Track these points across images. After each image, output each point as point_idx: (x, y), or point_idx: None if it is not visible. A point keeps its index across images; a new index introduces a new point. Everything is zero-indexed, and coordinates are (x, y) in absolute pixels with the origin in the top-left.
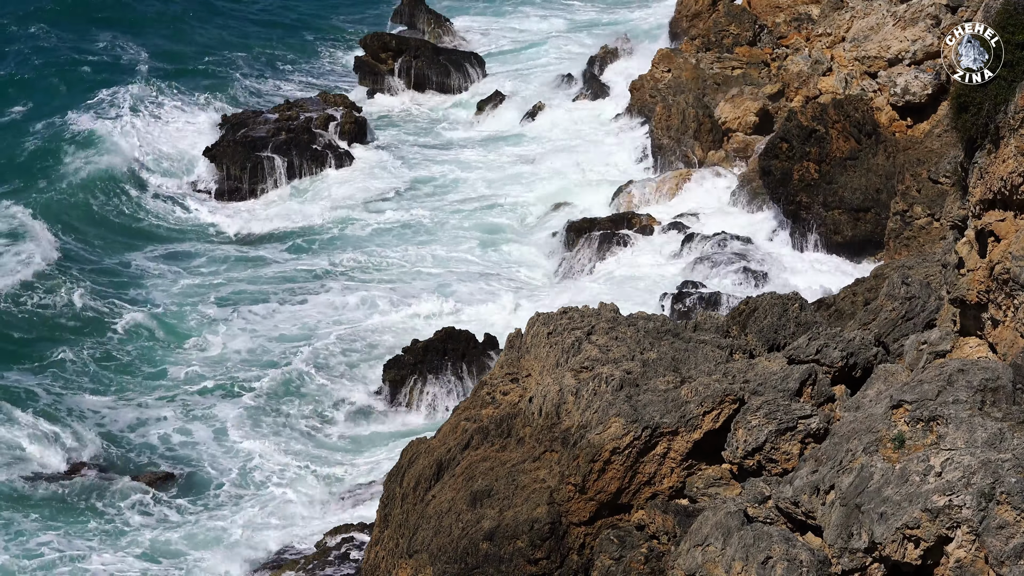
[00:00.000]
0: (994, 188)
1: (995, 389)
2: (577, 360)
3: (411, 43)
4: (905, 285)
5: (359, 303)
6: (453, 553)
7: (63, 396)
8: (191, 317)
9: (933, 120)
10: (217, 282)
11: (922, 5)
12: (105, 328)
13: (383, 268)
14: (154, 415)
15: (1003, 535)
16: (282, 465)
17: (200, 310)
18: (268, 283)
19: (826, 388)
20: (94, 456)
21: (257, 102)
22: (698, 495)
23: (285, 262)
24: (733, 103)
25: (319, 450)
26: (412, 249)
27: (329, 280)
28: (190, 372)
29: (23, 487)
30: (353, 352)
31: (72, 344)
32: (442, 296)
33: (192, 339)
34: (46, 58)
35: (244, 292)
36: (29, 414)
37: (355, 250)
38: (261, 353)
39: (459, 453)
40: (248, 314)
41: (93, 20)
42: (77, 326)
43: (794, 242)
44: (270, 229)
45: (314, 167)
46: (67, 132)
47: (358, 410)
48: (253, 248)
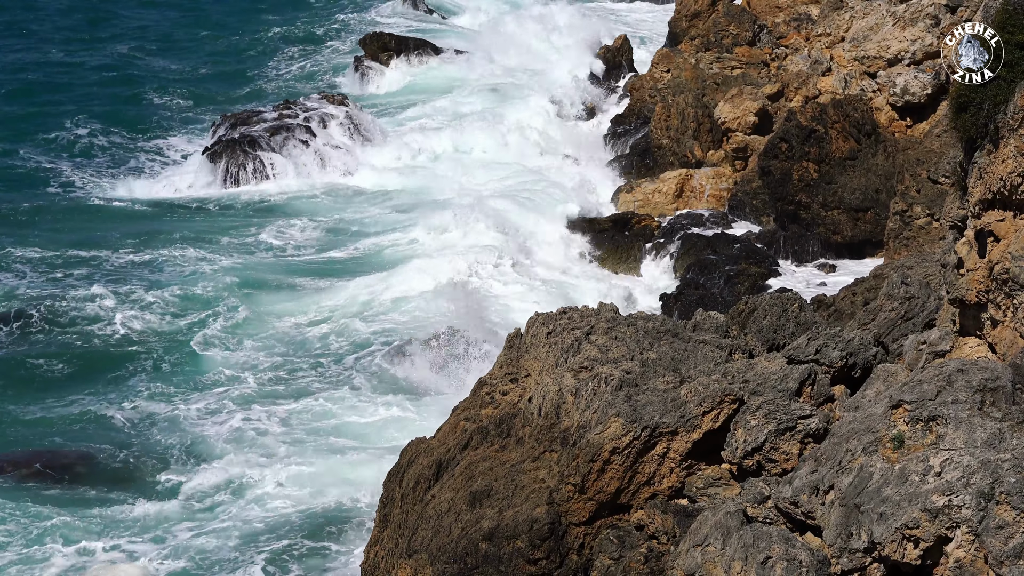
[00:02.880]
0: (993, 188)
1: (994, 389)
2: (576, 360)
3: (410, 43)
4: (904, 285)
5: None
6: (452, 553)
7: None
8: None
9: (932, 120)
10: (216, 282)
11: (921, 5)
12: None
13: (381, 264)
14: (169, 411)
15: (1002, 535)
16: (282, 464)
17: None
18: (269, 281)
19: (825, 388)
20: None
21: (257, 101)
22: (697, 495)
23: (286, 261)
24: (732, 103)
25: (320, 449)
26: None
27: (333, 277)
28: (215, 371)
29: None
30: (360, 344)
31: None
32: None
33: (201, 334)
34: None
35: (243, 294)
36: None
37: (355, 247)
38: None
39: (458, 453)
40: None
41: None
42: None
43: (794, 243)
44: (270, 228)
45: (314, 165)
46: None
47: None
48: (253, 248)
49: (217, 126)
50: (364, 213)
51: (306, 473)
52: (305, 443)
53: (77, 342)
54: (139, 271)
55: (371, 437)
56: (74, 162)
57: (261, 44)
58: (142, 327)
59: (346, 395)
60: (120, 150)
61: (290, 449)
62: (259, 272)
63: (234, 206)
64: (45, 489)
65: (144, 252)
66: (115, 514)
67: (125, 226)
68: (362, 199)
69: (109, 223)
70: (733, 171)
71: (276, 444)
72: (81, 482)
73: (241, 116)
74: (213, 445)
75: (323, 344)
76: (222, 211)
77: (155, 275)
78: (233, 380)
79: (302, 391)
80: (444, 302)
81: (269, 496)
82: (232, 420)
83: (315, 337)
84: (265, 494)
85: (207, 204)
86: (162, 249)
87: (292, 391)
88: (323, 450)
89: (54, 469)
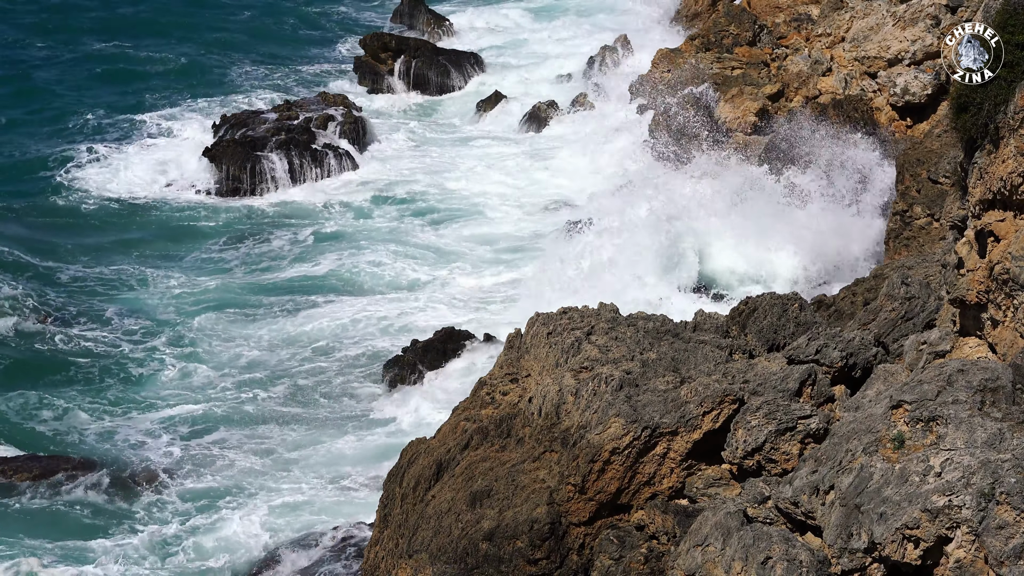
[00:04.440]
0: (994, 188)
1: (995, 389)
2: (577, 360)
3: (411, 43)
4: (905, 285)
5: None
6: (453, 553)
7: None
8: (191, 317)
9: (933, 120)
10: (217, 282)
11: (922, 5)
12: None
13: (378, 274)
14: (151, 420)
15: (1003, 535)
16: (282, 464)
17: (200, 311)
18: (268, 284)
19: (826, 388)
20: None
21: (256, 102)
22: (698, 495)
23: (286, 261)
24: (733, 103)
25: (320, 449)
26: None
27: (331, 283)
28: (194, 376)
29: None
30: (357, 351)
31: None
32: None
33: (192, 337)
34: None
35: (245, 292)
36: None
37: (354, 253)
38: (263, 354)
39: (459, 453)
40: (247, 313)
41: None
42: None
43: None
44: (269, 228)
45: (314, 167)
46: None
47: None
48: (251, 247)
49: (217, 127)
50: (357, 225)
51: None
52: (265, 469)
53: (15, 353)
54: (99, 279)
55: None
56: (57, 160)
57: (261, 44)
58: (89, 342)
59: (315, 417)
60: (108, 149)
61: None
62: (228, 292)
63: (234, 208)
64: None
65: (110, 260)
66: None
67: (103, 231)
68: (362, 201)
69: (83, 226)
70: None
71: (231, 469)
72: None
73: (241, 117)
74: (155, 469)
75: (288, 367)
76: (218, 213)
77: (117, 283)
78: (183, 400)
79: (264, 415)
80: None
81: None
82: (175, 446)
83: (283, 359)
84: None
85: (206, 204)
86: (133, 256)
87: (250, 414)
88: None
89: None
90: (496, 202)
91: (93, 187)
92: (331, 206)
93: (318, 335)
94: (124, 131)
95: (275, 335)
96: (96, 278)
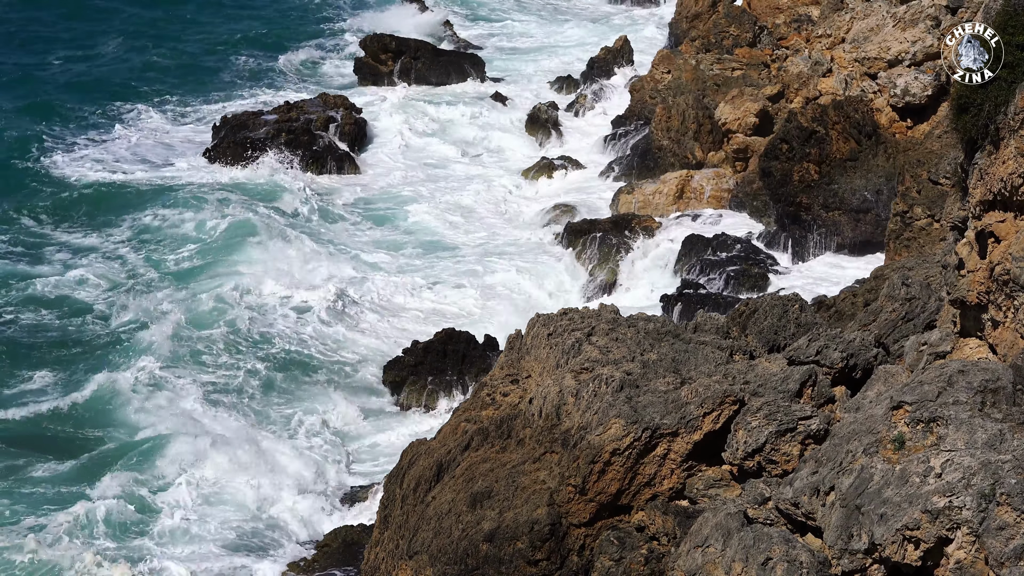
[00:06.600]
0: (994, 189)
1: (995, 390)
2: (577, 361)
3: (411, 44)
4: (905, 286)
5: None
6: (453, 554)
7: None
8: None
9: (933, 121)
10: (216, 283)
11: (922, 6)
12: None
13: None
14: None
15: (1003, 536)
16: (281, 465)
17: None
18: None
19: (826, 389)
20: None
21: (257, 103)
22: (698, 496)
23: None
24: (733, 104)
25: (322, 449)
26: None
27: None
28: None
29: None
30: (357, 356)
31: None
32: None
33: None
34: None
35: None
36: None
37: (353, 257)
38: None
39: (459, 454)
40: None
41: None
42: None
43: (794, 244)
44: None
45: (314, 168)
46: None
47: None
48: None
49: (218, 128)
50: (352, 228)
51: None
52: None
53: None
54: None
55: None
56: (54, 158)
57: (261, 44)
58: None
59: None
60: (108, 152)
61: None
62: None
63: (233, 209)
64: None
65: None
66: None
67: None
68: (361, 203)
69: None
70: (734, 172)
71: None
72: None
73: (241, 118)
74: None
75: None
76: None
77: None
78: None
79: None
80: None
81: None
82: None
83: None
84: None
85: (203, 207)
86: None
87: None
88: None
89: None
90: (492, 208)
91: (92, 187)
92: (331, 206)
93: (318, 335)
94: (125, 131)
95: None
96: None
